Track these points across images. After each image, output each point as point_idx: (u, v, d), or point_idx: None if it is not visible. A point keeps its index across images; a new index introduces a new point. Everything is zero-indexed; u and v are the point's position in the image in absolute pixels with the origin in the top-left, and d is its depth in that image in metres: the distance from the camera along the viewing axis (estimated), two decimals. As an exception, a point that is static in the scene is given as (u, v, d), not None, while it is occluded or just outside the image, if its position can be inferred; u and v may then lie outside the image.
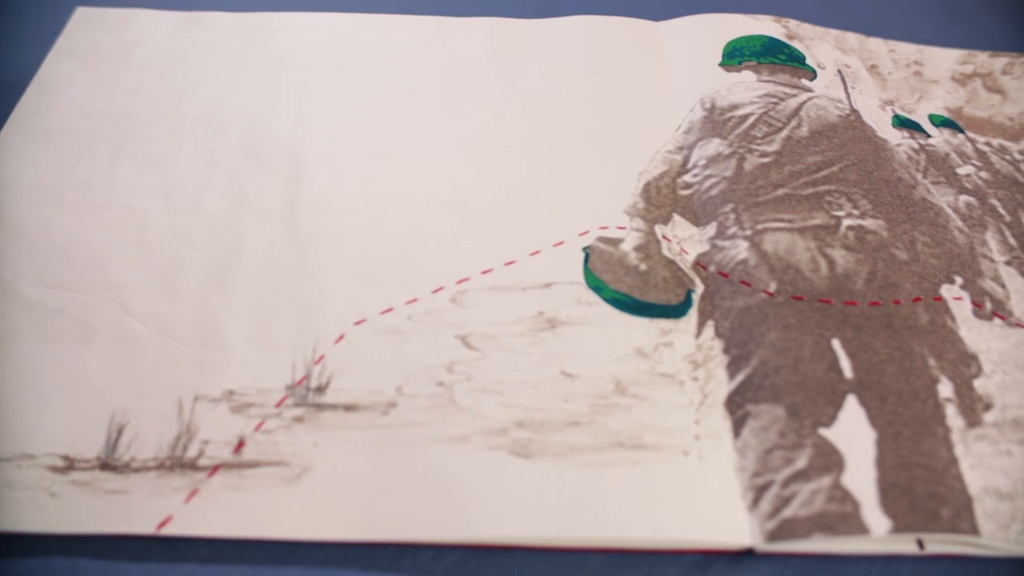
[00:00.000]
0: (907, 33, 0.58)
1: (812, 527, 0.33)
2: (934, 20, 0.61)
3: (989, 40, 0.59)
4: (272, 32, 0.53)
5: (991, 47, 0.57)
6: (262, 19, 0.54)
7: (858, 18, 0.59)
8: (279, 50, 0.52)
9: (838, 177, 0.45)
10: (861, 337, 0.38)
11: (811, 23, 0.55)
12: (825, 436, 0.35)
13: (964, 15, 0.62)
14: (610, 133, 0.48)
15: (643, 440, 0.35)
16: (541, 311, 0.39)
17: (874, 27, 0.58)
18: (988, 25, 0.60)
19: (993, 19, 0.62)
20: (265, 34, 0.53)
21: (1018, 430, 0.36)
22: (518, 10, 0.57)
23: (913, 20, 0.61)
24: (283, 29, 0.53)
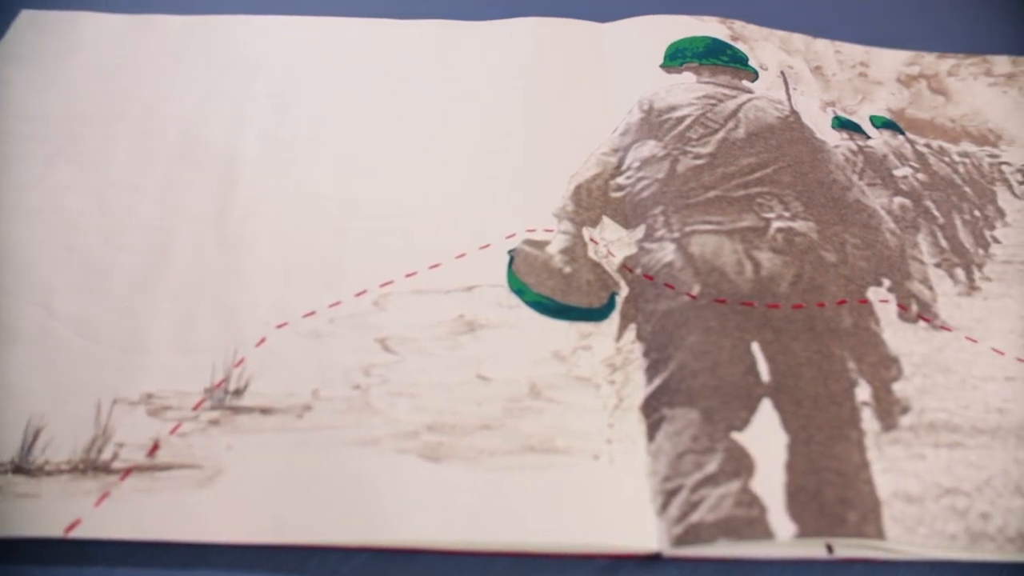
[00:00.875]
0: (882, 35, 0.58)
1: (718, 532, 0.32)
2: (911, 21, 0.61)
3: (960, 41, 0.58)
4: (217, 35, 0.53)
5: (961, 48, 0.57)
6: (209, 22, 0.54)
7: (833, 21, 0.59)
8: (222, 53, 0.52)
9: (771, 179, 0.44)
10: (781, 340, 0.38)
11: (781, 27, 0.56)
12: (737, 440, 0.35)
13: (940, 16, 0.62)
14: (547, 136, 0.48)
15: (554, 444, 0.35)
16: (461, 314, 0.39)
17: (838, 30, 0.58)
18: (955, 25, 0.60)
19: (964, 20, 0.61)
20: (210, 37, 0.53)
21: (934, 433, 0.36)
22: (487, 11, 0.57)
23: (890, 22, 0.61)
24: (229, 32, 0.53)
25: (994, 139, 0.51)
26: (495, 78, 0.51)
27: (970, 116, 0.52)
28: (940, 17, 0.61)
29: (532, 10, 0.56)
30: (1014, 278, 0.43)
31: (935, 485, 0.34)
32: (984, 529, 0.33)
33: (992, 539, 0.33)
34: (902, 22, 0.60)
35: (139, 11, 0.55)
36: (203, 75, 0.51)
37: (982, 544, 0.33)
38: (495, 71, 0.51)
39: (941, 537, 0.33)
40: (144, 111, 0.49)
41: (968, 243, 0.44)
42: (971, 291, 0.42)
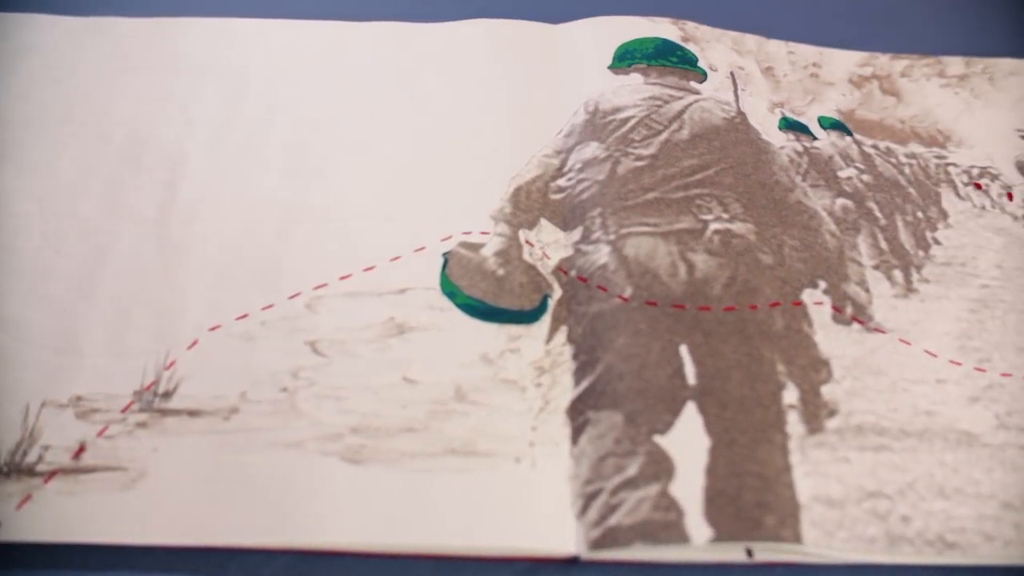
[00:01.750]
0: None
1: (634, 536, 0.32)
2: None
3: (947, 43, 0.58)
4: (170, 37, 0.53)
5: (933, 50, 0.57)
6: (161, 24, 0.54)
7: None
8: (174, 55, 0.52)
9: (712, 180, 0.44)
10: (711, 343, 0.38)
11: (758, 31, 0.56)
12: (659, 444, 0.35)
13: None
14: (492, 138, 0.47)
15: (476, 447, 0.35)
16: (392, 317, 0.39)
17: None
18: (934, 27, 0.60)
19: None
20: (163, 39, 0.53)
21: (860, 436, 0.36)
22: (460, 11, 0.57)
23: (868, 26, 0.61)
24: (181, 34, 0.53)
25: (943, 140, 0.50)
26: (444, 81, 0.51)
27: (920, 117, 0.52)
28: (901, 18, 0.61)
29: (491, 12, 0.57)
30: (952, 280, 0.43)
31: (857, 488, 0.34)
32: (903, 532, 0.33)
33: (911, 542, 0.33)
34: (865, 24, 0.60)
35: (99, 13, 0.55)
36: (154, 78, 0.50)
37: (901, 547, 0.33)
38: (445, 74, 0.51)
39: (860, 541, 0.33)
40: (93, 114, 0.49)
41: (909, 245, 0.44)
42: (908, 293, 0.42)
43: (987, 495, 0.35)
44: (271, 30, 0.53)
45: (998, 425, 0.37)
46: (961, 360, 0.39)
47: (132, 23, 0.54)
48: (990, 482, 0.35)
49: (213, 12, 0.55)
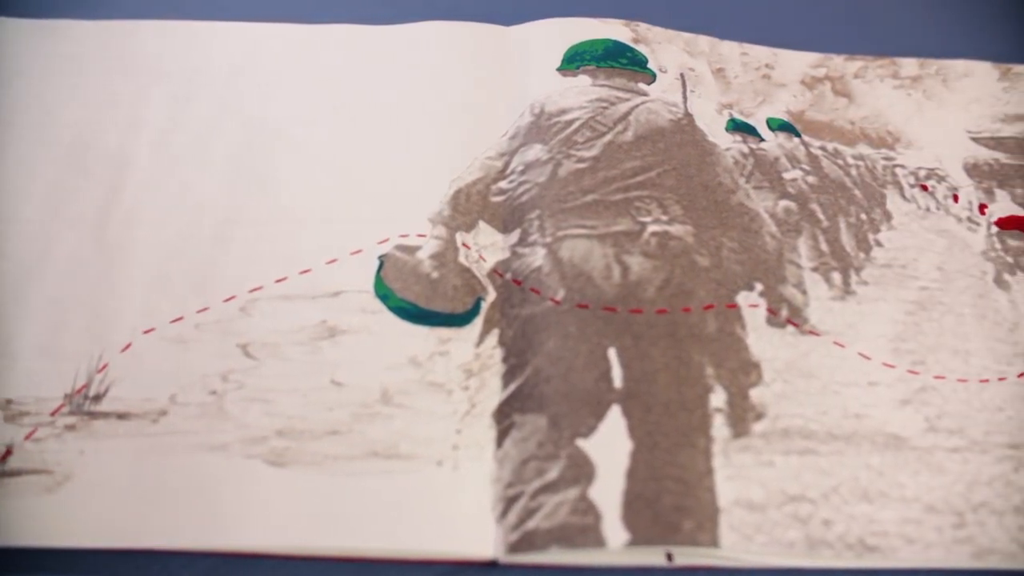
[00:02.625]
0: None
1: (551, 539, 0.32)
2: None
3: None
4: (117, 40, 0.53)
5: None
6: (112, 27, 0.54)
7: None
8: (124, 58, 0.52)
9: (654, 182, 0.44)
10: (639, 346, 0.37)
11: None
12: (582, 447, 0.35)
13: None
14: (437, 140, 0.47)
15: (398, 450, 0.35)
16: (324, 320, 0.39)
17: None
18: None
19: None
20: (113, 42, 0.53)
21: (786, 440, 0.36)
22: (426, 12, 0.57)
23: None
24: (132, 36, 0.53)
25: (892, 141, 0.50)
26: (393, 84, 0.51)
27: (871, 118, 0.51)
28: (873, 19, 0.61)
29: (458, 14, 0.57)
30: (891, 281, 0.43)
31: (780, 492, 0.34)
32: (824, 536, 0.33)
33: (831, 546, 0.33)
34: (838, 25, 0.60)
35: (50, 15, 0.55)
36: (102, 80, 0.50)
37: (820, 551, 0.33)
38: (394, 77, 0.51)
39: (779, 544, 0.33)
40: (38, 116, 0.49)
41: (850, 246, 0.44)
42: (846, 295, 0.42)
43: (911, 498, 0.35)
44: (221, 32, 0.53)
45: (928, 428, 0.37)
46: (895, 363, 0.39)
47: (81, 25, 0.54)
48: (915, 485, 0.35)
49: (166, 15, 0.55)
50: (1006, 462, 0.36)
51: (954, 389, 0.39)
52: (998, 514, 0.35)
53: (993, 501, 0.35)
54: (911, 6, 0.62)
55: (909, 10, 0.62)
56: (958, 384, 0.39)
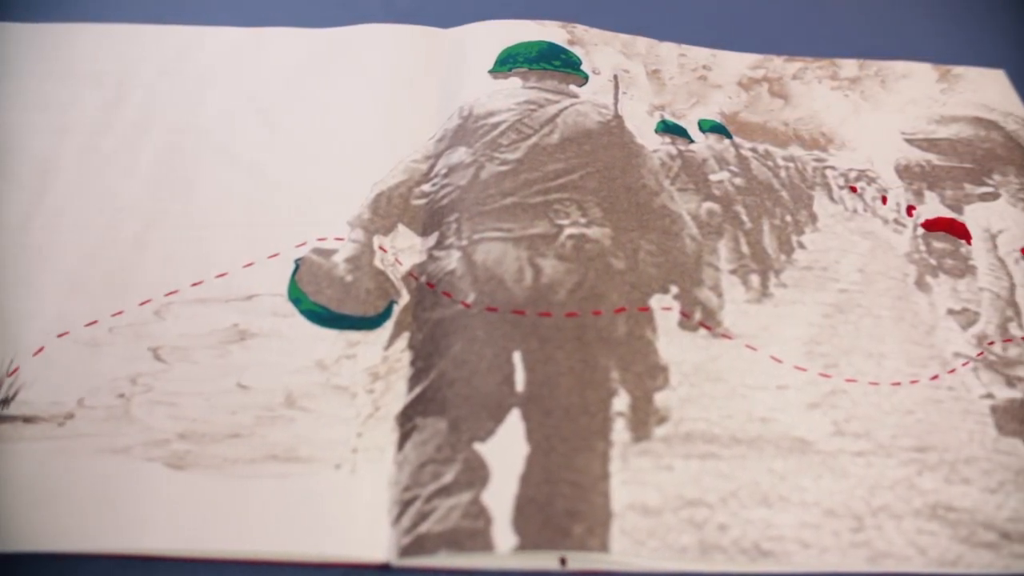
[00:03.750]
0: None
1: (441, 543, 0.32)
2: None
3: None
4: (49, 43, 0.53)
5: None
6: (50, 30, 0.54)
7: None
8: (55, 62, 0.52)
9: (576, 185, 0.44)
10: (545, 349, 0.37)
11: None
12: (478, 451, 0.34)
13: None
14: (365, 144, 0.47)
15: (297, 453, 0.35)
16: (236, 323, 0.39)
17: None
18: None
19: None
20: (50, 45, 0.53)
21: (688, 444, 0.36)
22: (382, 14, 0.57)
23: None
24: (68, 40, 0.53)
25: (825, 143, 0.50)
26: (325, 86, 0.51)
27: (805, 120, 0.51)
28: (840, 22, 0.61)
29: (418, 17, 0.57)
30: (811, 284, 0.43)
31: (677, 497, 0.34)
32: (718, 541, 0.33)
33: (724, 551, 0.33)
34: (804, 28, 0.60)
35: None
36: (34, 84, 0.50)
37: (713, 556, 0.33)
38: (327, 80, 0.51)
39: (671, 549, 0.33)
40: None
41: (772, 249, 0.44)
42: (762, 298, 0.42)
43: (811, 502, 0.34)
44: (154, 35, 0.53)
45: (835, 432, 0.37)
46: (807, 366, 0.39)
47: (15, 28, 0.54)
48: (816, 489, 0.35)
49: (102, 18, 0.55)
50: (911, 465, 0.36)
51: (865, 392, 0.38)
52: (897, 518, 0.34)
53: (894, 505, 0.35)
54: (862, 7, 0.62)
55: (860, 11, 0.62)
56: (869, 387, 0.39)
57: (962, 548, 0.34)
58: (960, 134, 0.51)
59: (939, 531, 0.34)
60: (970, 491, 0.35)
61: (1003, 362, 0.40)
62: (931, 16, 0.60)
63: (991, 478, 0.36)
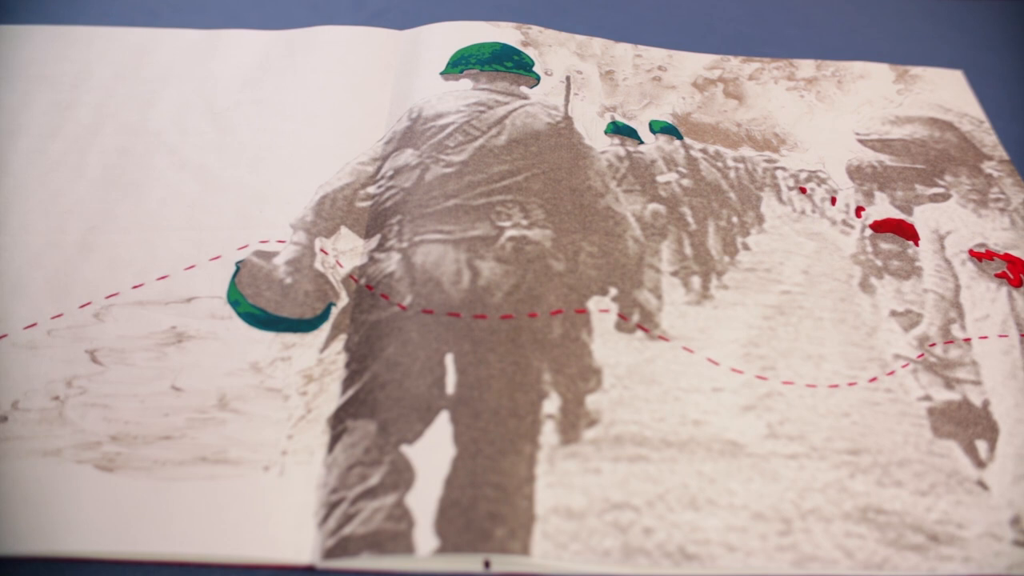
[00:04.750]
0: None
1: (364, 545, 0.32)
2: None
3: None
4: (12, 45, 0.53)
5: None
6: (8, 32, 0.54)
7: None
8: (8, 65, 0.52)
9: (520, 186, 0.44)
10: (478, 352, 0.37)
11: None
12: (405, 453, 0.35)
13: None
14: (314, 145, 0.47)
15: (226, 455, 0.35)
16: (174, 326, 0.39)
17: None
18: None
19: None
20: (5, 48, 0.53)
21: (618, 447, 0.36)
22: (352, 15, 0.57)
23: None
24: (19, 42, 0.53)
25: (776, 144, 0.50)
26: (278, 89, 0.51)
27: (759, 121, 0.51)
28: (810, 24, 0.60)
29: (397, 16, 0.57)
30: (753, 286, 0.43)
31: (603, 500, 0.34)
32: (643, 544, 0.33)
33: (648, 554, 0.33)
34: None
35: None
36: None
37: (636, 559, 0.33)
38: (279, 81, 0.51)
39: (594, 553, 0.33)
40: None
41: (715, 250, 0.44)
42: (703, 300, 0.42)
43: (740, 506, 0.34)
44: (107, 37, 0.54)
45: (768, 434, 0.37)
46: (744, 368, 0.39)
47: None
48: (746, 492, 0.35)
49: (61, 20, 0.56)
50: (843, 468, 0.36)
51: (801, 395, 0.38)
52: (826, 521, 0.34)
53: (824, 508, 0.35)
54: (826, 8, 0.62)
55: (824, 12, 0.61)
56: (806, 390, 0.39)
57: (889, 551, 0.34)
58: (914, 135, 0.51)
59: (867, 534, 0.34)
60: (901, 493, 0.35)
61: (943, 364, 0.40)
62: (893, 17, 0.60)
63: (923, 480, 0.36)
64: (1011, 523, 0.35)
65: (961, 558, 0.34)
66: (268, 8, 0.59)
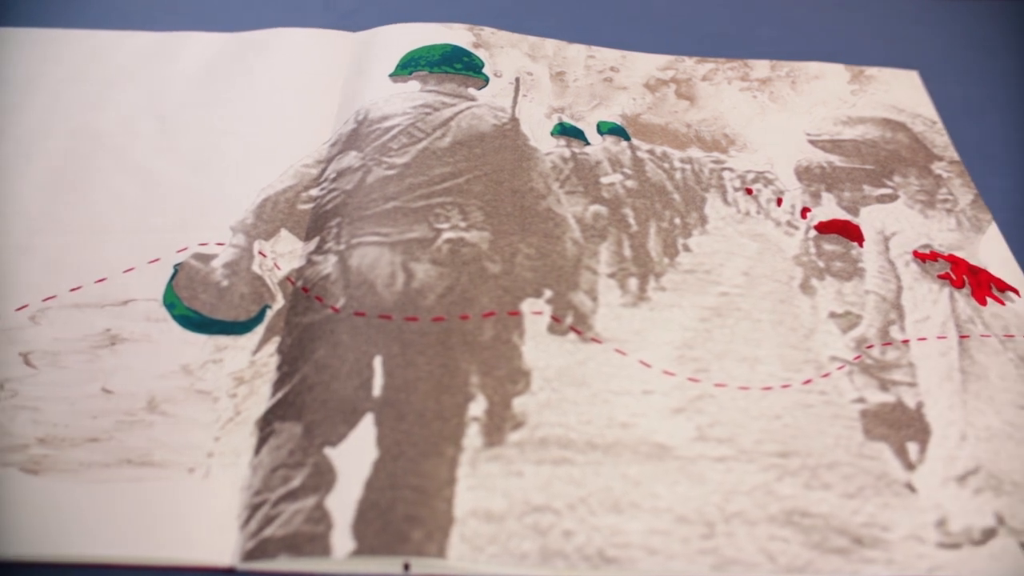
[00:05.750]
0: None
1: (282, 547, 0.32)
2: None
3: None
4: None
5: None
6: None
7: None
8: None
9: (461, 188, 0.44)
10: (407, 354, 0.37)
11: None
12: (328, 456, 0.35)
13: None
14: (261, 148, 0.48)
15: (152, 457, 0.35)
16: (108, 328, 0.39)
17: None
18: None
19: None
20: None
21: (542, 449, 0.36)
22: (321, 18, 0.58)
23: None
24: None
25: (726, 145, 0.49)
26: (227, 91, 0.51)
27: (709, 121, 0.51)
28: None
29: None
30: (691, 288, 0.42)
31: (524, 503, 0.34)
32: (562, 547, 0.33)
33: (566, 557, 0.33)
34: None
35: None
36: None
37: (554, 562, 0.33)
38: (229, 84, 0.51)
39: (511, 555, 0.33)
40: None
41: (655, 252, 0.44)
42: (639, 302, 0.41)
43: (664, 509, 0.34)
44: (59, 40, 0.54)
45: (697, 437, 0.37)
46: (676, 371, 0.39)
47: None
48: (670, 496, 0.35)
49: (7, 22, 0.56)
50: (771, 471, 0.36)
51: (733, 397, 0.38)
52: (751, 524, 0.34)
53: (749, 511, 0.35)
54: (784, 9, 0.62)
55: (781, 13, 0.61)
56: (739, 392, 0.38)
57: (812, 554, 0.34)
58: (866, 135, 0.50)
59: (791, 537, 0.34)
60: (828, 496, 0.35)
61: (879, 366, 0.40)
62: (851, 17, 0.60)
63: (851, 483, 0.36)
64: (936, 525, 0.35)
65: (884, 561, 0.34)
66: (237, 10, 0.59)
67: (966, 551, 0.34)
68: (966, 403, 0.39)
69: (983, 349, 0.41)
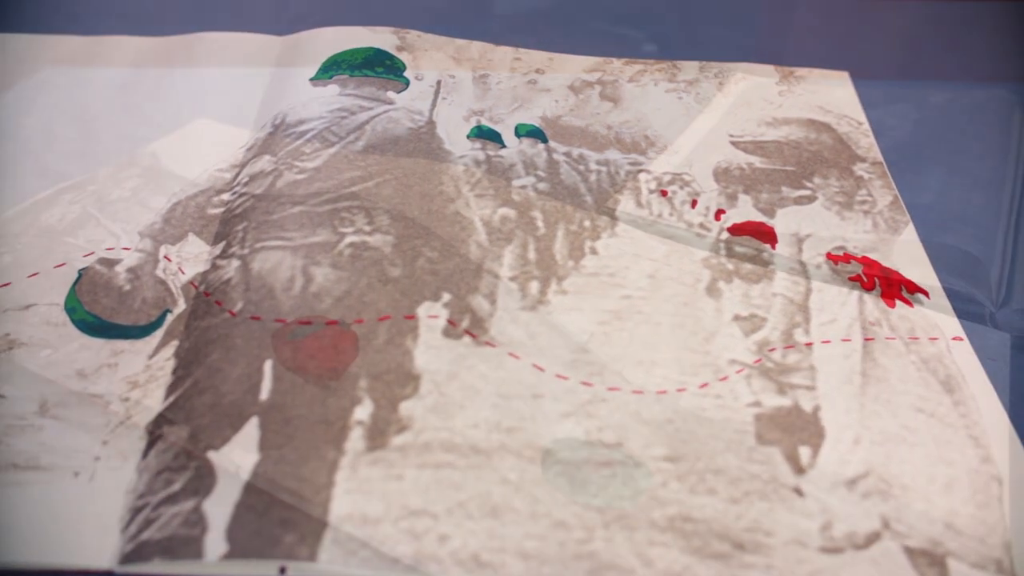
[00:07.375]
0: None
1: (157, 551, 0.33)
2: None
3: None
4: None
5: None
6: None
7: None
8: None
9: (369, 192, 0.44)
10: (297, 358, 0.38)
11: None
12: (211, 459, 0.35)
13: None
14: (178, 154, 0.48)
15: (39, 461, 0.36)
16: (7, 333, 0.40)
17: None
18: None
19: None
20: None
21: (425, 454, 0.36)
22: (270, 25, 0.58)
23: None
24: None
25: (645, 147, 0.49)
26: (151, 96, 0.51)
27: (631, 123, 0.51)
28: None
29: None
30: (593, 291, 0.42)
31: (401, 507, 0.34)
32: (435, 552, 0.33)
33: (440, 561, 0.33)
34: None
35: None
36: None
37: (427, 566, 0.32)
38: (155, 88, 0.52)
39: (382, 560, 0.33)
40: None
41: (560, 255, 0.43)
42: (538, 305, 0.41)
43: (542, 514, 0.34)
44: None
45: (584, 442, 0.37)
46: (569, 375, 0.39)
47: None
48: (551, 500, 0.35)
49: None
50: (657, 475, 0.36)
51: (626, 401, 0.38)
52: (631, 529, 0.34)
53: (631, 515, 0.34)
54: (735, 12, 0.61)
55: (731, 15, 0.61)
56: (632, 396, 0.38)
57: (691, 559, 0.33)
58: (790, 136, 0.50)
59: (671, 542, 0.34)
60: (713, 501, 0.35)
61: (779, 369, 0.39)
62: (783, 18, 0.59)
63: (737, 488, 0.35)
64: (820, 530, 0.34)
65: (763, 566, 0.33)
66: (188, 12, 0.60)
67: (848, 555, 0.34)
68: (863, 406, 0.38)
69: (887, 352, 0.40)
